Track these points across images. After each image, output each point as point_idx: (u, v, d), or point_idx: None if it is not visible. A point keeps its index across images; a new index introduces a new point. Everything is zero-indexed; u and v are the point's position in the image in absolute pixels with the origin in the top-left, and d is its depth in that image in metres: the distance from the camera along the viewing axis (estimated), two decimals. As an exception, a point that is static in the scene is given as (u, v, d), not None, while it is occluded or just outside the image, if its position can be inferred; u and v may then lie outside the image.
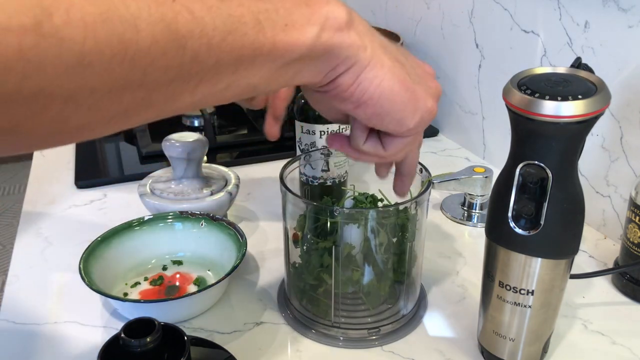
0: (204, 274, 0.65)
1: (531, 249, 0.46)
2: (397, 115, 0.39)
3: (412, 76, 0.40)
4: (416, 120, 0.40)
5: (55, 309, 0.61)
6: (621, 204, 0.71)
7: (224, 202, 0.72)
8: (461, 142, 1.02)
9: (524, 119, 0.42)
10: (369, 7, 1.30)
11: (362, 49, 0.36)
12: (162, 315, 0.49)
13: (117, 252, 0.63)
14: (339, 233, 0.54)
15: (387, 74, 0.37)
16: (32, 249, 0.72)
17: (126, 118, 0.30)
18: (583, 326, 0.59)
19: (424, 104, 0.40)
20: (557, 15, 0.75)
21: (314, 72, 0.36)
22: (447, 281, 0.66)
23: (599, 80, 0.43)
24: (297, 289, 0.59)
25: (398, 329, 0.57)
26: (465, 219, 0.79)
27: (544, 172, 0.43)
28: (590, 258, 0.70)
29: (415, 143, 0.44)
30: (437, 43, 1.04)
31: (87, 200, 0.84)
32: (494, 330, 0.51)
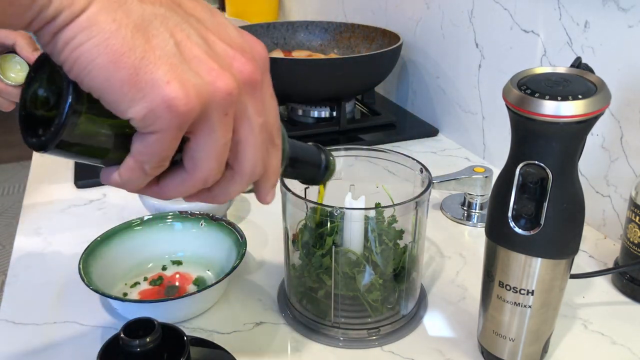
0: (204, 274, 0.65)
1: (531, 249, 0.46)
2: (107, 97, 0.30)
3: (160, 52, 0.30)
4: (138, 110, 0.30)
5: (55, 309, 0.61)
6: (621, 203, 0.71)
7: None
8: (461, 142, 1.02)
9: (524, 119, 0.42)
10: (369, 7, 1.30)
11: (69, 1, 0.28)
12: (161, 315, 0.49)
13: (117, 252, 0.63)
14: (339, 233, 0.54)
15: (94, 40, 0.28)
16: (31, 248, 0.72)
17: None
18: (583, 326, 0.59)
19: (157, 93, 0.29)
20: (557, 15, 0.75)
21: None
22: (447, 281, 0.66)
23: (599, 80, 0.43)
24: (297, 289, 0.59)
25: (398, 329, 0.57)
26: (465, 219, 0.79)
27: (544, 172, 0.43)
28: (590, 258, 0.70)
29: (164, 141, 0.32)
30: (437, 43, 1.04)
31: (86, 200, 0.84)
32: (494, 330, 0.51)
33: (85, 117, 0.31)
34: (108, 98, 0.30)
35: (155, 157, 0.32)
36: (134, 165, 0.33)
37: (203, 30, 0.33)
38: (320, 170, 0.48)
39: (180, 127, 0.31)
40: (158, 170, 0.34)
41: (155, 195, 0.36)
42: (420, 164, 0.58)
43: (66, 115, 0.30)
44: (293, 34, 1.28)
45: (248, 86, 0.34)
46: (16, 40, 0.61)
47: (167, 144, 0.32)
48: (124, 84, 0.29)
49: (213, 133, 0.33)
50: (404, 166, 0.60)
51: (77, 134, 0.31)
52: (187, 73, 0.31)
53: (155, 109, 0.30)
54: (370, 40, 1.20)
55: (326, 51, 1.27)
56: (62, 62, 0.30)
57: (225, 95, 0.32)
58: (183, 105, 0.30)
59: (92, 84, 0.30)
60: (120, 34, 0.29)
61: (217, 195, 0.37)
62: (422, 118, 1.13)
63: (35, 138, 0.32)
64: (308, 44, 1.28)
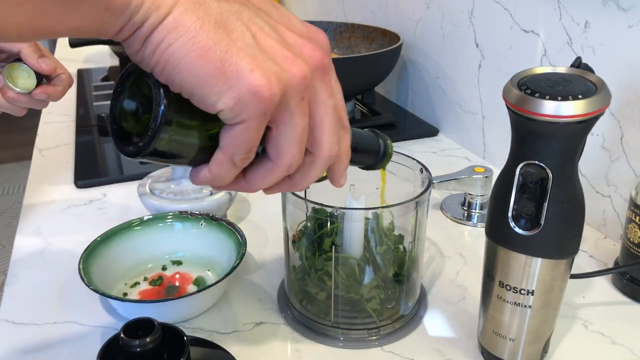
0: (204, 274, 0.65)
1: (531, 249, 0.46)
2: (198, 92, 0.32)
3: (241, 44, 0.32)
4: (227, 101, 0.32)
5: (55, 309, 0.61)
6: (621, 203, 0.71)
7: (223, 202, 0.72)
8: (461, 142, 1.02)
9: (524, 119, 0.42)
10: (369, 7, 1.30)
11: (155, 5, 0.30)
12: (161, 316, 0.49)
13: (117, 252, 0.63)
14: (339, 234, 0.54)
15: (183, 39, 0.30)
16: (31, 248, 0.72)
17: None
18: (583, 326, 0.59)
19: (243, 82, 0.31)
20: (557, 14, 0.75)
21: (89, 16, 0.29)
22: (447, 281, 0.66)
23: (599, 80, 0.43)
24: (297, 290, 0.59)
25: (398, 329, 0.57)
26: (465, 219, 0.79)
27: (544, 172, 0.43)
28: (591, 258, 0.70)
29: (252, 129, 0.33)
30: (437, 43, 1.04)
31: (86, 200, 0.84)
32: (494, 330, 0.51)
33: (177, 118, 0.33)
34: (199, 93, 0.32)
35: (244, 147, 0.34)
36: (223, 158, 0.35)
37: (273, 22, 0.35)
38: (379, 155, 0.49)
39: (265, 114, 0.33)
40: (246, 161, 0.35)
41: (243, 188, 0.38)
42: (420, 164, 0.58)
43: (160, 118, 0.32)
44: (293, 34, 1.28)
45: (318, 71, 0.36)
46: (21, 47, 0.61)
47: (254, 132, 0.33)
48: (212, 76, 0.31)
49: (293, 118, 0.34)
50: (404, 166, 0.60)
51: (171, 137, 0.33)
52: (266, 62, 0.32)
53: (243, 98, 0.32)
54: (370, 40, 1.20)
55: (326, 51, 1.27)
56: (153, 65, 0.31)
57: (300, 80, 0.34)
58: (267, 91, 0.32)
59: (184, 81, 0.31)
60: (204, 31, 0.31)
61: (298, 182, 0.39)
62: (422, 118, 1.13)
63: (132, 146, 0.34)
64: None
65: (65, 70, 0.66)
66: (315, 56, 0.35)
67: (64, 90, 0.66)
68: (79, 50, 1.60)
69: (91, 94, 1.25)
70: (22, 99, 0.63)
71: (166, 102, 0.32)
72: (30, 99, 0.63)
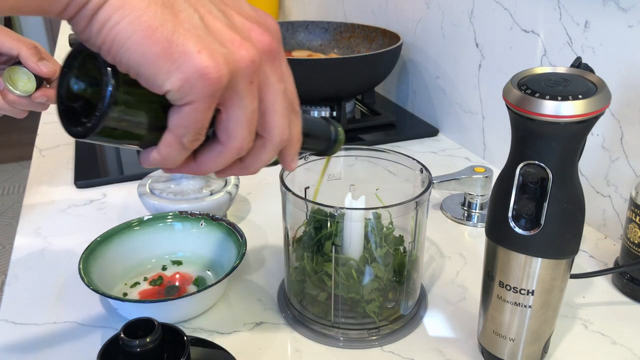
0: (204, 274, 0.65)
1: (531, 249, 0.46)
2: (145, 72, 0.31)
3: (188, 25, 0.31)
4: (174, 81, 0.31)
5: (55, 309, 0.61)
6: (621, 204, 0.71)
7: (223, 202, 0.72)
8: (461, 142, 1.02)
9: (524, 119, 0.42)
10: (369, 7, 1.30)
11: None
12: (161, 315, 0.49)
13: (117, 252, 0.63)
14: (339, 233, 0.54)
15: (128, 18, 0.30)
16: (31, 248, 0.72)
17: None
18: (583, 326, 0.59)
19: (190, 63, 0.31)
20: (557, 14, 0.75)
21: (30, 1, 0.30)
22: (447, 281, 0.66)
23: (599, 80, 0.43)
24: (297, 290, 0.59)
25: (398, 329, 0.57)
26: (465, 219, 0.79)
27: (544, 172, 0.43)
28: (591, 258, 0.70)
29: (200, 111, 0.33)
30: (437, 43, 1.04)
31: (86, 200, 0.84)
32: (494, 330, 0.51)
33: (125, 99, 0.33)
34: (145, 73, 0.31)
35: (192, 129, 0.34)
36: (172, 139, 0.34)
37: (221, 5, 0.35)
38: (330, 142, 0.49)
39: (213, 95, 0.33)
40: (195, 143, 0.35)
41: (193, 171, 0.38)
42: (420, 164, 0.58)
43: (109, 98, 0.32)
44: (293, 34, 1.28)
45: (267, 55, 0.35)
46: (20, 51, 0.61)
47: (202, 114, 0.33)
48: (159, 57, 0.31)
49: (241, 101, 0.34)
50: (404, 166, 0.60)
51: (119, 117, 0.33)
52: (214, 44, 0.32)
53: (190, 79, 0.31)
54: (370, 40, 1.20)
55: (326, 51, 1.27)
56: (100, 44, 0.31)
57: (249, 63, 0.33)
58: (214, 73, 0.31)
59: (130, 61, 0.31)
60: (151, 11, 0.30)
61: (249, 165, 0.39)
62: (422, 118, 1.13)
63: (79, 126, 0.33)
64: (308, 44, 1.28)
65: None
66: (264, 40, 0.35)
67: None
68: (79, 50, 1.60)
69: (91, 94, 1.25)
70: (22, 101, 0.63)
71: (114, 82, 0.32)
72: (31, 101, 0.64)
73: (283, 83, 0.37)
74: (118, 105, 0.32)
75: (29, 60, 0.62)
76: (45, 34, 4.03)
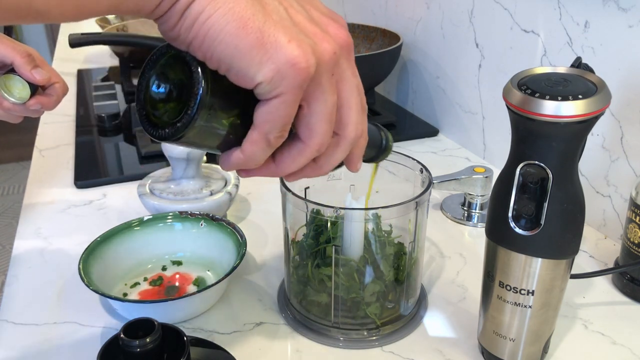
0: (204, 274, 0.65)
1: (531, 249, 0.46)
2: (237, 64, 0.31)
3: (276, 17, 0.32)
4: (266, 72, 0.31)
5: (55, 309, 0.61)
6: (621, 204, 0.71)
7: (223, 202, 0.72)
8: (461, 142, 1.02)
9: (524, 119, 0.42)
10: (369, 7, 1.30)
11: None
12: (161, 316, 0.49)
13: (117, 253, 0.63)
14: (339, 233, 0.54)
15: (221, 10, 0.30)
16: (31, 249, 0.72)
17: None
18: (583, 326, 0.59)
19: (282, 53, 0.31)
20: (557, 14, 0.75)
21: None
22: (447, 281, 0.66)
23: (599, 80, 0.43)
24: (297, 290, 0.59)
25: (398, 329, 0.57)
26: (465, 219, 0.79)
27: (544, 172, 0.43)
28: (591, 258, 0.70)
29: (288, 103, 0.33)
30: (437, 43, 1.04)
31: (86, 200, 0.84)
32: (494, 330, 0.51)
33: (215, 95, 0.32)
34: (238, 65, 0.31)
35: (279, 123, 0.34)
36: (258, 136, 0.34)
37: (301, 1, 0.35)
38: (381, 148, 0.49)
39: (302, 86, 0.33)
40: (280, 140, 0.35)
41: (272, 172, 0.38)
42: (420, 164, 0.58)
43: (201, 95, 0.32)
44: (293, 34, 1.28)
45: (344, 49, 0.36)
46: (14, 59, 0.62)
47: (291, 107, 0.33)
48: (252, 47, 0.31)
49: (324, 94, 0.34)
50: (404, 166, 0.60)
51: (209, 115, 0.33)
52: (300, 35, 0.32)
53: (281, 69, 0.31)
54: (370, 40, 1.20)
55: (326, 51, 1.27)
56: (191, 39, 0.31)
57: (331, 55, 0.34)
58: (304, 62, 0.32)
59: (223, 53, 0.31)
60: (242, 2, 0.31)
61: (322, 165, 0.39)
62: (422, 118, 1.13)
63: (167, 128, 0.33)
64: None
65: (59, 79, 0.67)
66: (341, 34, 0.36)
67: (57, 100, 0.67)
68: (79, 51, 1.60)
69: (91, 94, 1.25)
70: (17, 108, 0.64)
71: (204, 79, 0.32)
72: (25, 108, 0.64)
73: (357, 78, 0.37)
74: (209, 103, 0.32)
75: (23, 69, 0.62)
76: (45, 34, 4.03)
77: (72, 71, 1.45)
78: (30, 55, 0.63)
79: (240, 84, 0.32)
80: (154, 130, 0.34)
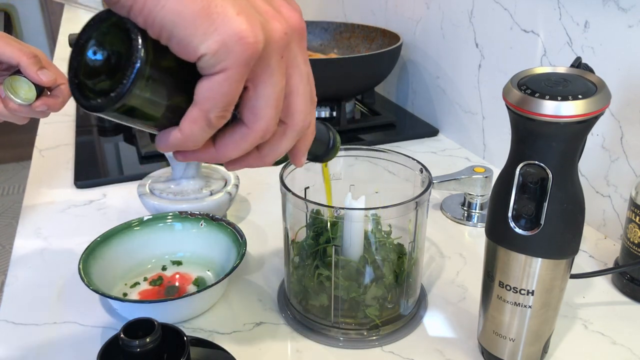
0: (204, 274, 0.65)
1: (531, 249, 0.46)
2: (180, 33, 0.29)
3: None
4: (210, 44, 0.29)
5: (55, 309, 0.61)
6: (621, 204, 0.71)
7: (223, 202, 0.72)
8: (461, 142, 1.02)
9: (524, 119, 0.42)
10: (369, 7, 1.30)
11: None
12: (161, 316, 0.49)
13: (117, 253, 0.63)
14: (339, 233, 0.54)
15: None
16: (31, 249, 0.72)
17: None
18: (583, 326, 0.59)
19: (229, 25, 0.29)
20: (557, 14, 0.75)
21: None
22: (447, 281, 0.66)
23: (599, 80, 0.43)
24: (297, 290, 0.59)
25: (398, 329, 0.57)
26: (465, 219, 0.79)
27: (544, 172, 0.43)
28: (591, 258, 0.70)
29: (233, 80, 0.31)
30: (437, 43, 1.04)
31: (86, 200, 0.84)
32: (494, 330, 0.51)
33: (154, 67, 0.31)
34: (181, 34, 0.29)
35: (222, 102, 0.32)
36: (198, 115, 0.32)
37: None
38: (328, 147, 0.48)
39: (248, 63, 0.31)
40: (222, 120, 0.33)
41: (212, 157, 0.36)
42: (420, 164, 0.58)
43: (139, 65, 0.30)
44: (293, 34, 1.28)
45: (296, 33, 0.34)
46: (20, 60, 0.62)
47: (235, 85, 0.31)
48: (198, 16, 0.29)
49: (272, 77, 0.33)
50: (404, 166, 0.60)
51: (145, 87, 0.30)
52: (251, 10, 0.31)
53: (228, 42, 0.30)
54: (370, 40, 1.20)
55: (326, 51, 1.27)
56: (132, 3, 0.29)
57: (282, 35, 0.32)
58: (252, 37, 0.30)
59: (165, 19, 0.29)
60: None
61: (266, 155, 0.37)
62: (422, 118, 1.13)
63: (99, 98, 0.31)
64: (308, 43, 1.28)
65: (65, 80, 0.66)
66: (294, 17, 0.34)
67: (64, 101, 0.66)
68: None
69: (91, 94, 1.25)
70: (23, 109, 0.64)
71: (144, 48, 0.30)
72: (31, 109, 0.64)
73: (308, 66, 0.36)
74: (147, 74, 0.30)
75: (29, 70, 0.62)
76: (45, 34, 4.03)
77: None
78: (36, 57, 0.63)
79: (182, 56, 0.30)
80: (85, 100, 0.31)
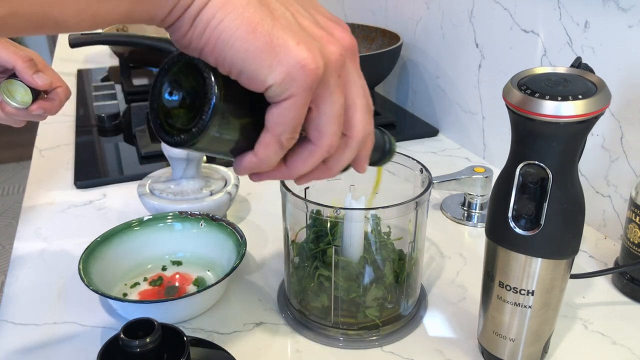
0: (204, 274, 0.65)
1: (531, 249, 0.46)
2: (249, 68, 0.32)
3: (284, 21, 0.33)
4: (276, 75, 0.32)
5: (55, 309, 0.61)
6: (621, 204, 0.71)
7: (223, 202, 0.72)
8: (461, 142, 1.02)
9: (524, 119, 0.42)
10: (369, 7, 1.30)
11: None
12: (161, 316, 0.49)
13: (117, 253, 0.63)
14: (339, 234, 0.54)
15: (231, 15, 0.31)
16: (31, 249, 0.72)
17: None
18: (583, 326, 0.59)
19: (291, 55, 0.32)
20: (557, 15, 0.75)
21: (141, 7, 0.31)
22: (447, 281, 0.66)
23: (599, 80, 0.43)
24: (297, 290, 0.59)
25: (398, 329, 0.57)
26: (465, 219, 0.79)
27: (544, 172, 0.43)
28: (591, 258, 0.70)
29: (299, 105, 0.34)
30: (437, 43, 1.04)
31: (86, 201, 0.84)
32: (494, 330, 0.51)
33: (228, 100, 0.33)
34: (249, 68, 0.32)
35: (291, 125, 0.35)
36: (270, 139, 0.35)
37: (305, 6, 0.36)
38: (384, 152, 0.49)
39: (311, 88, 0.33)
40: (292, 141, 0.36)
41: (284, 174, 0.39)
42: (420, 164, 0.58)
43: (214, 100, 0.32)
44: (293, 34, 1.28)
45: (349, 52, 0.37)
46: (16, 64, 0.62)
47: (301, 108, 0.34)
48: (262, 51, 0.32)
49: (332, 96, 0.35)
50: (404, 166, 0.60)
51: (222, 121, 0.33)
52: (308, 38, 0.33)
53: (291, 71, 0.32)
54: (370, 40, 1.20)
55: (326, 51, 1.27)
56: (203, 45, 0.32)
57: (338, 57, 0.35)
58: (313, 64, 0.33)
59: (235, 58, 0.32)
60: (251, 8, 0.32)
61: (332, 166, 0.39)
62: (422, 118, 1.13)
63: (182, 134, 0.33)
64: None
65: (62, 83, 0.67)
66: (346, 37, 0.37)
67: (60, 104, 0.66)
68: (79, 51, 1.60)
69: (91, 94, 1.25)
70: (20, 113, 0.64)
71: (217, 85, 0.33)
72: (28, 113, 0.64)
73: (362, 80, 0.38)
74: (222, 108, 0.33)
75: (25, 74, 0.62)
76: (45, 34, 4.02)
77: (72, 71, 1.45)
78: (31, 60, 0.63)
79: (251, 88, 0.33)
80: (169, 137, 0.34)
